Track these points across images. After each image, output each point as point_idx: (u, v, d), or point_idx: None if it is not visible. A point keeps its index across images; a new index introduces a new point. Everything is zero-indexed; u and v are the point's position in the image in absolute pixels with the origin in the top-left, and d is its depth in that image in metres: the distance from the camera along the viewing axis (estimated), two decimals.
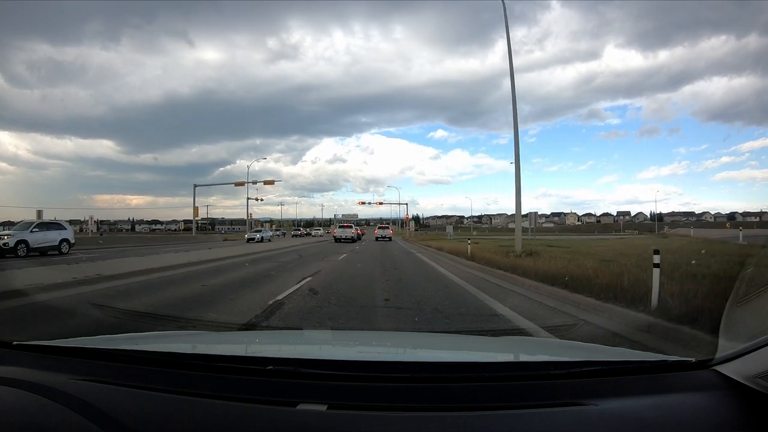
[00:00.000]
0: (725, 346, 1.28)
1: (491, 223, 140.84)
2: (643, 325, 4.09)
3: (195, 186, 46.20)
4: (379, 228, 42.49)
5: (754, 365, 1.06)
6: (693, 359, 1.24)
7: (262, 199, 45.96)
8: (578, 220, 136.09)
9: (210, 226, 75.50)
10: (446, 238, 35.38)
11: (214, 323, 4.78)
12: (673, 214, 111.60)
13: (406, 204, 60.54)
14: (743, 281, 1.95)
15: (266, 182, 47.30)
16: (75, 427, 1.01)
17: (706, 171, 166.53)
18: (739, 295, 1.72)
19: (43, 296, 6.06)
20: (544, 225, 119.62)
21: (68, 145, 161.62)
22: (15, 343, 1.41)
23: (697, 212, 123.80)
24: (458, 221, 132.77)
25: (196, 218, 49.09)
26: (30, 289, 6.27)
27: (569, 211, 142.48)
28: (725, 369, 1.15)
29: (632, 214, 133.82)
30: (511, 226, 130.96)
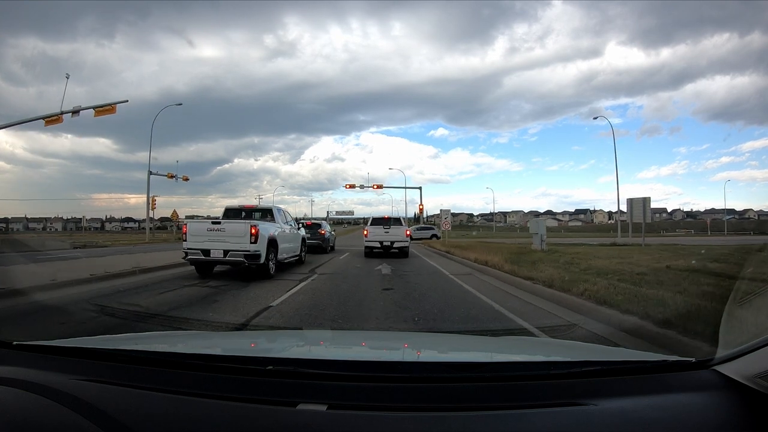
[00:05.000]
0: (725, 345, 1.28)
1: (506, 221, 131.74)
2: None
3: None
4: (375, 224, 16.19)
5: (754, 365, 1.06)
6: (693, 359, 1.24)
7: (173, 176, 34.11)
8: (609, 218, 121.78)
9: None
10: (531, 248, 14.91)
11: (212, 323, 4.81)
12: (713, 211, 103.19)
13: (420, 188, 37.50)
14: (743, 281, 1.95)
15: (98, 111, 22.39)
16: (75, 427, 1.01)
17: (706, 171, 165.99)
18: (739, 295, 1.72)
19: None
20: (570, 224, 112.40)
21: (65, 143, 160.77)
22: (15, 343, 1.41)
23: (738, 209, 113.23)
24: (468, 219, 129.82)
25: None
26: None
27: (597, 208, 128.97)
28: (725, 369, 1.15)
29: (668, 210, 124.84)
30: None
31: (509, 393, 1.12)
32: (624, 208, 23.73)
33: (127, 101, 20.34)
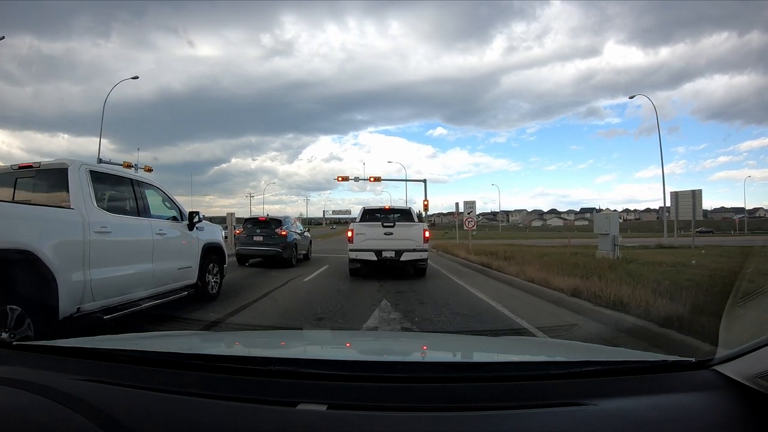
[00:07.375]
0: (725, 345, 1.28)
1: (509, 220, 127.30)
2: None
3: None
4: (369, 219, 9.06)
5: (754, 365, 1.06)
6: (693, 359, 1.24)
7: (131, 166, 24.93)
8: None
9: None
10: (598, 254, 11.57)
11: (213, 323, 4.81)
12: (722, 209, 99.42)
13: (425, 180, 31.15)
14: (743, 280, 1.95)
15: None
16: (75, 427, 1.01)
17: (704, 170, 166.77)
18: (740, 295, 1.72)
19: None
20: (576, 223, 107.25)
21: (61, 143, 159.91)
22: (15, 343, 1.42)
23: (748, 208, 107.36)
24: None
25: None
26: None
27: (604, 208, 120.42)
28: (725, 369, 1.15)
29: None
30: (535, 224, 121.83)
31: (509, 393, 1.12)
32: (667, 203, 20.26)
33: (4, 38, 19.05)
